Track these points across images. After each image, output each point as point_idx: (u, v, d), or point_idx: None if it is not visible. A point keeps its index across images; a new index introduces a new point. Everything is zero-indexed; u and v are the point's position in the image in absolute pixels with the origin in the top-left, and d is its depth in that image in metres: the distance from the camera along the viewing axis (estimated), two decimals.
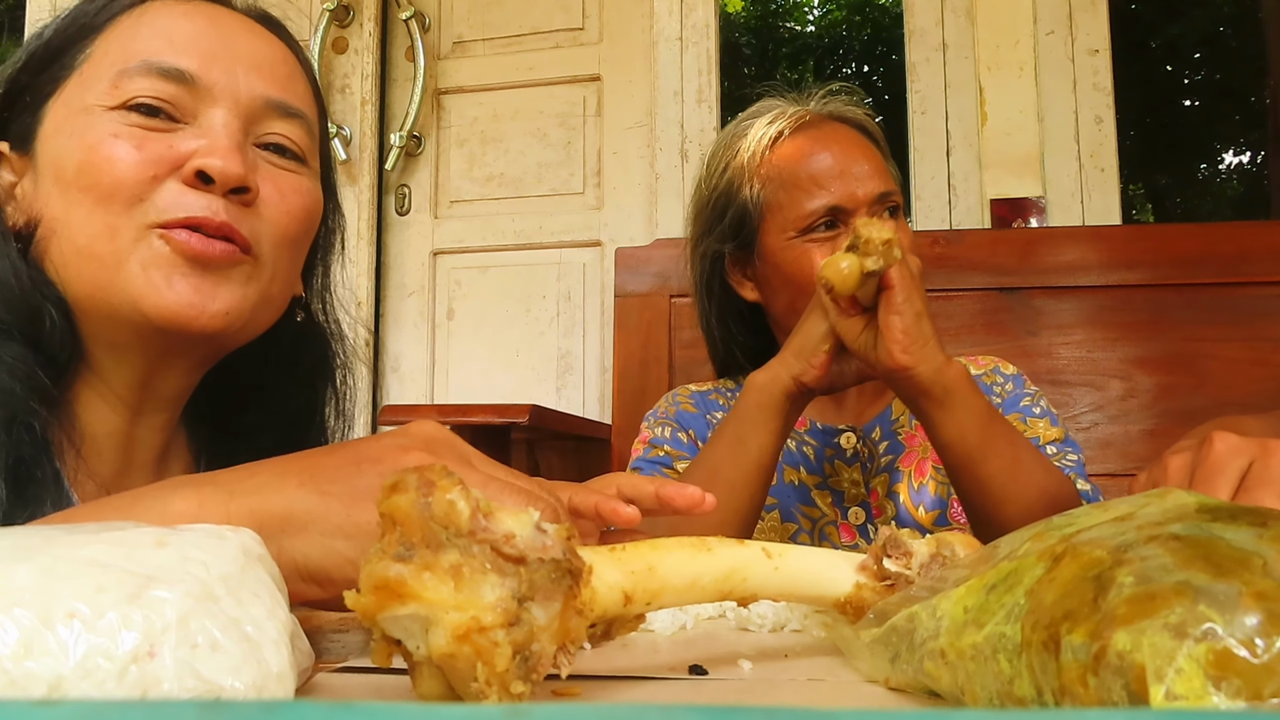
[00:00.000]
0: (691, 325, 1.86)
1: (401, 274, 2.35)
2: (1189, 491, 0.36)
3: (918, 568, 0.49)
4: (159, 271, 0.65)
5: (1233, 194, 7.27)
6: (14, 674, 0.30)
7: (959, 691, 0.36)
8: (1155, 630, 0.27)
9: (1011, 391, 1.15)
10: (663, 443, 1.15)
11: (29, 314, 0.64)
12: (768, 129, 1.15)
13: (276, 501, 0.46)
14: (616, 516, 0.54)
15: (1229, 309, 1.70)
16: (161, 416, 0.73)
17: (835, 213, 1.09)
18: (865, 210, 1.08)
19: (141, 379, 0.70)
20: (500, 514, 0.35)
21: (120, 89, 0.66)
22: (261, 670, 0.33)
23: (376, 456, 0.49)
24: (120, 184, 0.64)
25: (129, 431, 0.71)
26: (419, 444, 0.50)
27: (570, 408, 2.19)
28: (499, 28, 2.36)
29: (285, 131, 0.72)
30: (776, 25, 7.77)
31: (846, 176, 1.09)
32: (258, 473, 0.49)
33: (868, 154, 1.11)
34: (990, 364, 1.19)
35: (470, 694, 0.33)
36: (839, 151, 1.11)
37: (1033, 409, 1.12)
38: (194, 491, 0.47)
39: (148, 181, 0.65)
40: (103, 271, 0.65)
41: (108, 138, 0.65)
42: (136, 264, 0.64)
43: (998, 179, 2.07)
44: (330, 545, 0.46)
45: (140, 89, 0.66)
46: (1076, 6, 2.06)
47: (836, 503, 1.14)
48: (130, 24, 0.69)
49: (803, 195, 1.10)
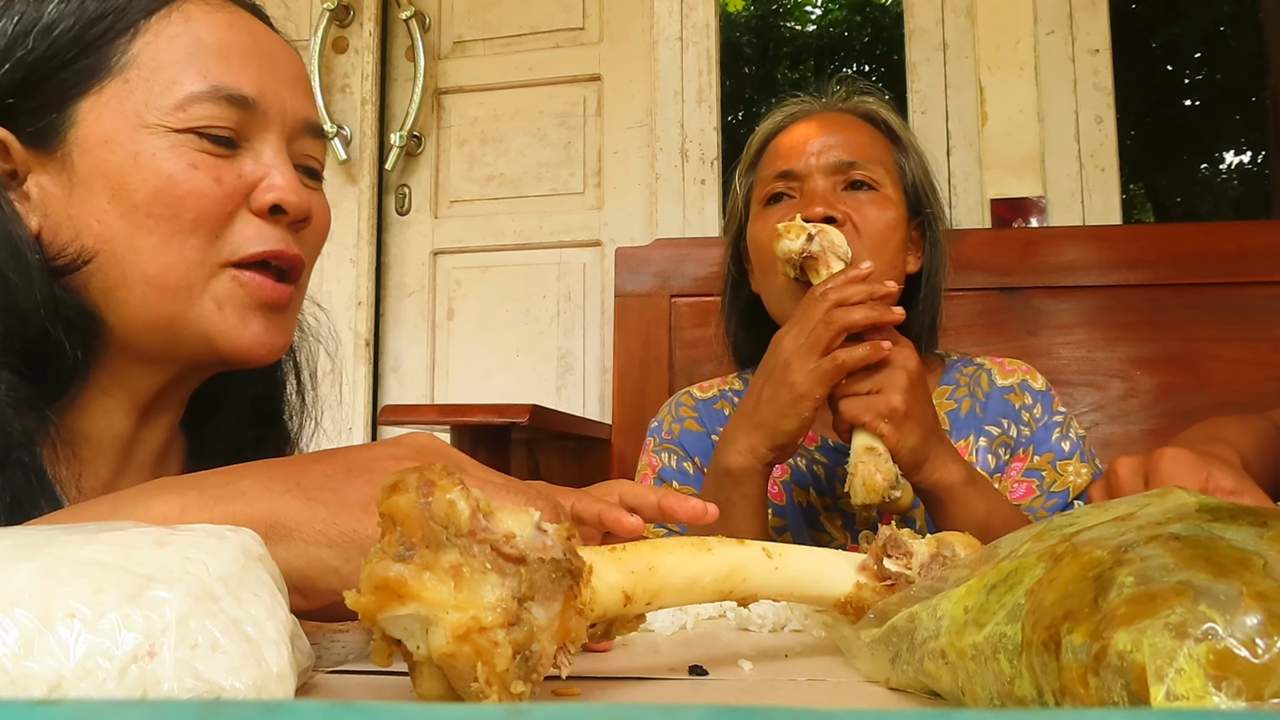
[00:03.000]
0: (692, 325, 1.86)
1: (401, 274, 2.35)
2: (1190, 491, 0.36)
3: (918, 568, 0.49)
4: (234, 311, 0.66)
5: (1233, 194, 7.26)
6: (14, 674, 0.29)
7: (959, 691, 0.36)
8: (1156, 630, 0.27)
9: (1040, 419, 1.09)
10: (671, 477, 1.13)
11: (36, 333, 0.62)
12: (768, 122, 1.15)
13: (261, 507, 0.46)
14: (620, 526, 0.54)
15: (1229, 309, 1.70)
16: (167, 416, 0.73)
17: (787, 177, 1.06)
18: (819, 178, 1.04)
19: (163, 386, 0.70)
20: (500, 514, 0.35)
21: (188, 113, 0.65)
22: (261, 670, 0.33)
23: (366, 465, 0.48)
24: (203, 219, 0.65)
25: (135, 434, 0.71)
26: (411, 454, 0.50)
27: (570, 408, 2.19)
28: (499, 27, 2.36)
29: (315, 153, 0.74)
30: (777, 25, 7.76)
31: (805, 144, 1.06)
32: (243, 477, 0.48)
33: (851, 131, 1.08)
34: (1019, 376, 1.13)
35: (470, 694, 0.33)
36: (813, 125, 1.09)
37: (1062, 444, 1.07)
38: (177, 496, 0.46)
39: (225, 217, 0.66)
40: (174, 304, 0.65)
41: (186, 168, 0.64)
42: (211, 301, 0.65)
43: (998, 179, 2.07)
44: (314, 553, 0.45)
45: (210, 116, 0.65)
46: (1077, 6, 2.06)
47: (847, 525, 1.10)
48: (175, 31, 0.67)
49: (765, 169, 1.10)
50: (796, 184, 1.06)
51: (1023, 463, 1.07)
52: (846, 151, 1.05)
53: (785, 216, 1.02)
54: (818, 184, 1.04)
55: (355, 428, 2.24)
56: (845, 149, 1.05)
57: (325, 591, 0.45)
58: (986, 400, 1.11)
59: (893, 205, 1.06)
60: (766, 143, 1.14)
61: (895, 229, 1.06)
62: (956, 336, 1.72)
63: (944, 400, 1.12)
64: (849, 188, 1.05)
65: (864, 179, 1.05)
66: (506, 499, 0.48)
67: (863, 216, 1.03)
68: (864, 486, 0.83)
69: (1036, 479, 1.05)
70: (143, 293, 0.65)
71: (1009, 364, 1.15)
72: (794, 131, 1.10)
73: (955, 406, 1.11)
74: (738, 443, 0.92)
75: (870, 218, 1.04)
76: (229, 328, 0.66)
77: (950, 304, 1.78)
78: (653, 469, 1.15)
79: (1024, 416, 1.09)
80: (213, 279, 0.66)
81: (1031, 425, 1.09)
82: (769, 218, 1.06)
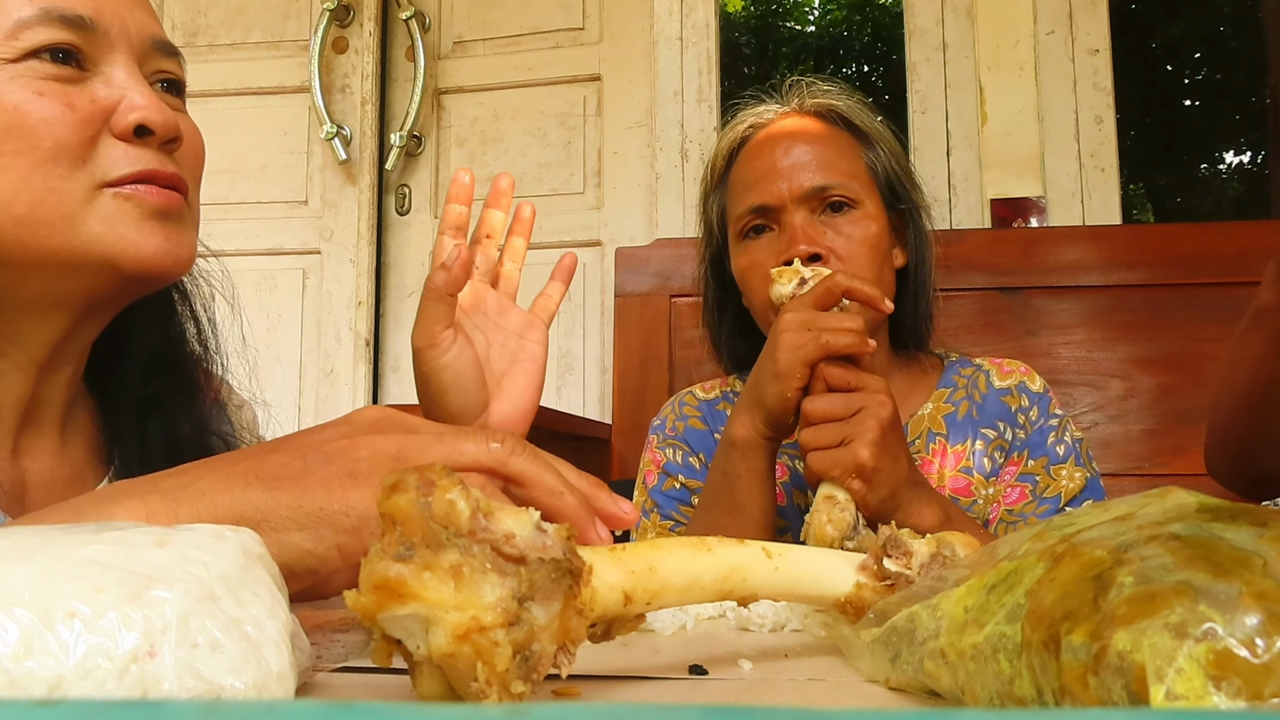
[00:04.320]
0: (692, 325, 1.86)
1: (401, 274, 2.35)
2: (1189, 491, 0.36)
3: (918, 568, 0.49)
4: (127, 225, 0.63)
5: (1233, 194, 7.26)
6: (14, 674, 0.29)
7: (959, 691, 0.36)
8: (1155, 630, 0.27)
9: (1036, 423, 1.08)
10: (677, 471, 1.13)
11: None
12: (724, 141, 1.14)
13: (225, 505, 0.46)
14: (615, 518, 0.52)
15: (1229, 309, 1.70)
16: (68, 370, 0.71)
17: (763, 213, 1.05)
18: (795, 206, 1.03)
19: (61, 337, 0.67)
20: (500, 514, 0.35)
21: (21, 40, 0.61)
22: (261, 670, 0.33)
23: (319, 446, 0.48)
24: (63, 147, 0.61)
25: (36, 392, 0.68)
26: (362, 429, 0.49)
27: (570, 408, 2.19)
28: (499, 28, 2.36)
29: (172, 69, 0.70)
30: (776, 25, 7.76)
31: (775, 172, 1.04)
32: (201, 476, 0.47)
33: (816, 145, 1.06)
34: (1016, 377, 1.12)
35: (470, 694, 0.33)
36: (778, 146, 1.07)
37: (1057, 449, 1.06)
38: (139, 502, 0.46)
39: (87, 141, 0.62)
40: (54, 237, 0.62)
41: (32, 96, 0.61)
42: (98, 223, 0.62)
43: (998, 179, 2.07)
44: (285, 540, 0.45)
45: (45, 39, 0.62)
46: (1076, 6, 2.06)
47: None
48: None
49: (737, 198, 1.09)
50: (773, 215, 1.05)
51: (1017, 467, 1.06)
52: (818, 173, 1.03)
53: (767, 250, 1.03)
54: (795, 218, 1.03)
55: None
56: (816, 170, 1.04)
57: (303, 574, 0.45)
58: (984, 402, 1.10)
59: (872, 218, 1.05)
60: (731, 158, 1.13)
61: (878, 242, 1.05)
62: (956, 337, 1.72)
63: (941, 403, 1.12)
64: (826, 209, 1.04)
65: (840, 199, 1.04)
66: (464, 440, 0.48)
67: (845, 242, 1.03)
68: (814, 538, 0.83)
69: (1030, 484, 1.05)
70: (16, 234, 0.61)
71: (1008, 365, 1.14)
72: (760, 153, 1.08)
73: (953, 410, 1.11)
74: (740, 415, 0.94)
75: (854, 241, 1.03)
76: (128, 244, 0.63)
77: (950, 304, 1.78)
78: (657, 464, 1.15)
79: (1020, 419, 1.09)
80: (92, 202, 0.63)
81: (1027, 428, 1.08)
82: (750, 252, 1.06)
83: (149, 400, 0.74)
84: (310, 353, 2.30)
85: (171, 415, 0.75)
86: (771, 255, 1.04)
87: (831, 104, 1.11)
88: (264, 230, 2.32)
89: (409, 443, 0.48)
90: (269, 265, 2.32)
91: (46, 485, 0.69)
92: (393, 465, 0.47)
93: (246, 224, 2.30)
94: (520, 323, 0.88)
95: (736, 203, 1.09)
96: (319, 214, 2.32)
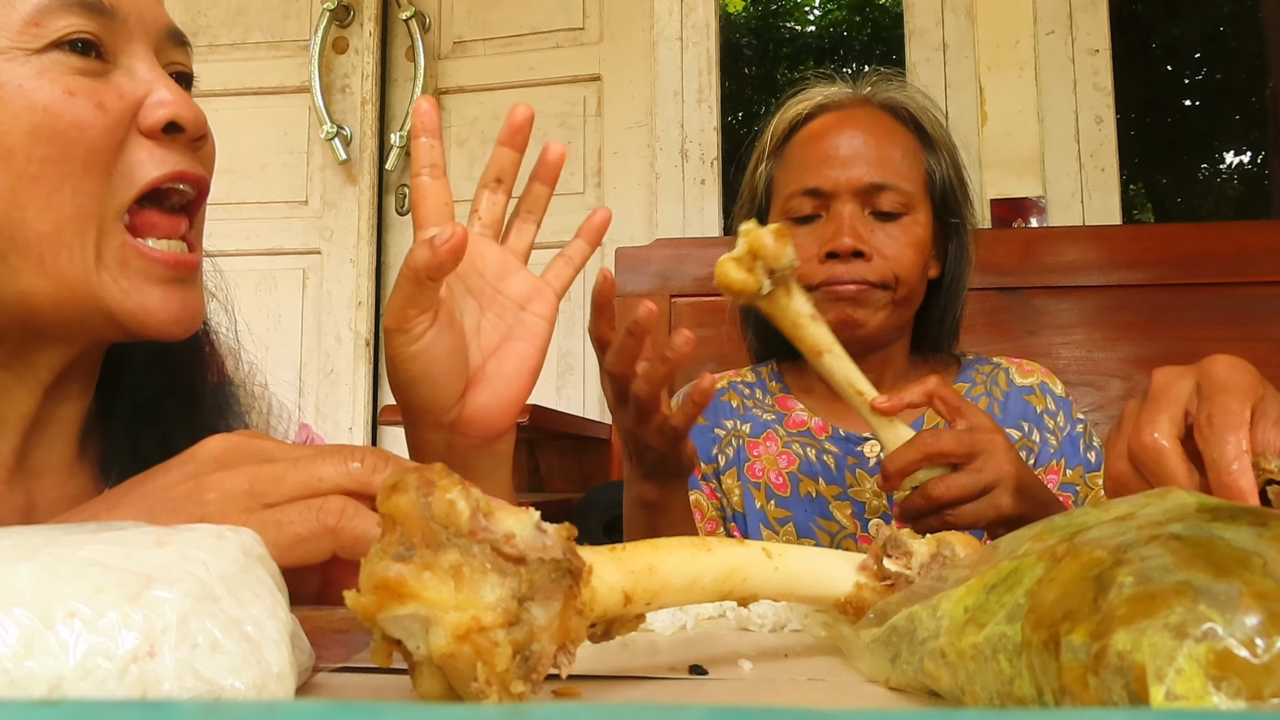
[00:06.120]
0: (692, 325, 1.86)
1: None
2: (1189, 491, 0.36)
3: (918, 568, 0.48)
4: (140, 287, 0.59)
5: (1233, 194, 7.26)
6: (14, 674, 0.29)
7: (959, 691, 0.36)
8: (1155, 630, 0.27)
9: (1064, 429, 1.07)
10: None
11: None
12: (790, 110, 1.11)
13: None
14: None
15: (1229, 309, 1.70)
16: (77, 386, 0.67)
17: (815, 195, 1.03)
18: (846, 201, 1.00)
19: (69, 362, 0.63)
20: (500, 514, 0.35)
21: (44, 27, 0.56)
22: (261, 670, 0.33)
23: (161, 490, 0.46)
24: (94, 154, 0.56)
25: (43, 410, 0.64)
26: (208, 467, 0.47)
27: (570, 408, 2.19)
28: (499, 28, 2.36)
29: (183, 60, 0.65)
30: (777, 25, 7.77)
31: (836, 159, 1.02)
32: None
33: (882, 141, 1.03)
34: (1038, 377, 1.11)
35: (470, 694, 0.33)
36: (845, 132, 1.04)
37: (1089, 455, 1.05)
38: None
39: (117, 146, 0.57)
40: (71, 268, 0.56)
41: (63, 96, 0.55)
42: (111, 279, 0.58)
43: (998, 179, 2.07)
44: None
45: (69, 25, 0.56)
46: (1076, 6, 2.06)
47: (857, 514, 1.07)
48: None
49: (791, 175, 1.06)
50: (823, 202, 1.03)
51: (1057, 475, 1.05)
52: (876, 169, 1.01)
53: (811, 238, 1.01)
54: (845, 209, 1.01)
55: (355, 428, 2.24)
56: (874, 166, 1.02)
57: None
58: (1005, 400, 1.09)
59: (920, 226, 1.04)
60: (792, 131, 1.10)
61: (921, 252, 1.04)
62: None
63: None
64: (876, 214, 1.03)
65: (892, 208, 1.02)
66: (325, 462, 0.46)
67: (893, 244, 1.01)
68: None
69: (1072, 493, 1.04)
70: (39, 254, 0.55)
71: (1027, 364, 1.13)
72: (824, 133, 1.06)
73: None
74: (633, 485, 0.94)
75: (899, 247, 1.01)
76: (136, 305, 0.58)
77: None
78: None
79: (1048, 423, 1.07)
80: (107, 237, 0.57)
81: (1057, 434, 1.07)
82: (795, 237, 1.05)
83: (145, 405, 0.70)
84: (310, 353, 2.31)
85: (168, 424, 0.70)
86: (815, 243, 1.01)
87: (904, 102, 1.09)
88: (264, 230, 2.33)
89: (260, 475, 0.46)
90: (269, 265, 2.32)
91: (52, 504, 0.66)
92: (245, 503, 0.45)
93: (247, 224, 2.30)
94: (525, 290, 0.72)
95: (789, 179, 1.07)
96: (319, 214, 2.32)
